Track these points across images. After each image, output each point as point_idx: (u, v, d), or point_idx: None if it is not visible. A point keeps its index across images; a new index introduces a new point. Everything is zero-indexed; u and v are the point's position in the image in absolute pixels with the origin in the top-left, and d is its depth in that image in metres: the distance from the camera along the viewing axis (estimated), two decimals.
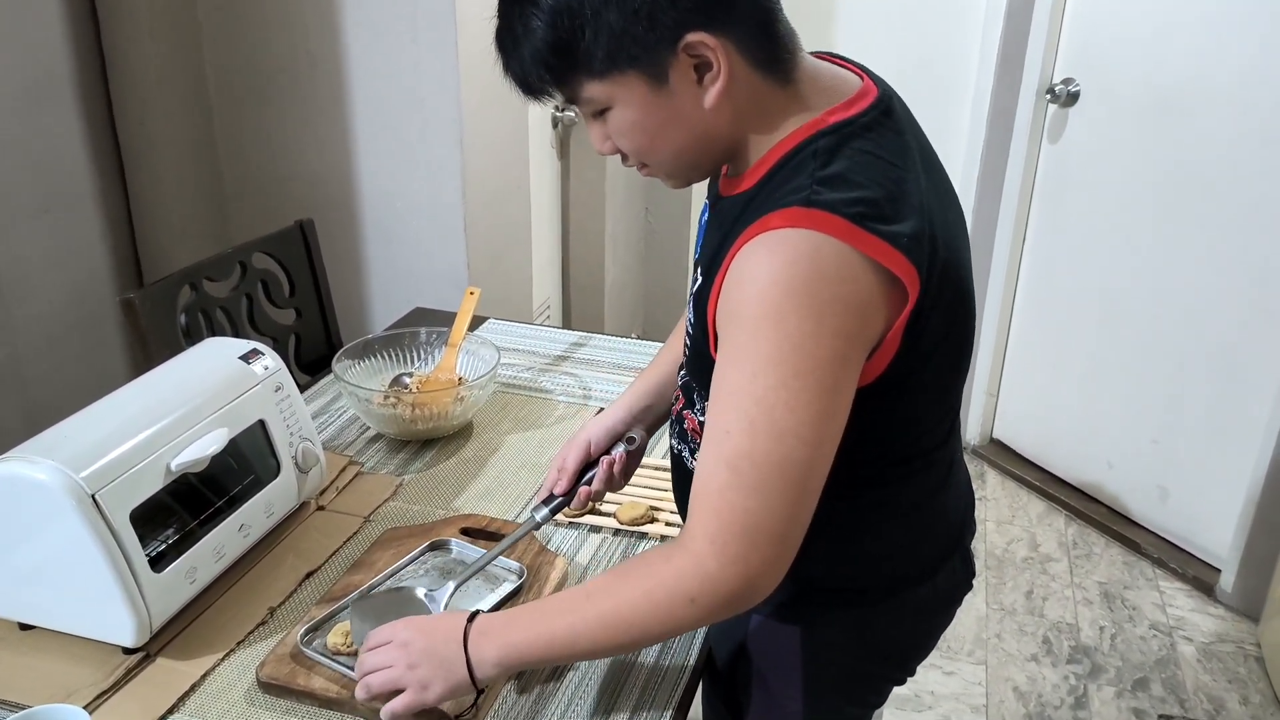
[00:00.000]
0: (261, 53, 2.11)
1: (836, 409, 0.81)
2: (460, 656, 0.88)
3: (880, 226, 0.79)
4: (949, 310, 0.88)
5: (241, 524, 1.13)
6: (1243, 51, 2.17)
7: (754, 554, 0.81)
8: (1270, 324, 2.20)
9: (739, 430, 0.81)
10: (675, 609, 0.83)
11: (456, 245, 2.14)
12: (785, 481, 0.80)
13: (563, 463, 1.14)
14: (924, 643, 1.11)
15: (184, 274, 1.56)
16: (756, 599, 0.83)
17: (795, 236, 0.79)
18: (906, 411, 0.92)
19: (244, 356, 1.19)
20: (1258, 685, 2.11)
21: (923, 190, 0.86)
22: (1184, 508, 2.49)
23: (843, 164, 0.82)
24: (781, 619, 1.03)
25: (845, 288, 0.79)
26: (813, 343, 0.78)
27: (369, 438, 1.48)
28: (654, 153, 0.89)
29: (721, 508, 0.81)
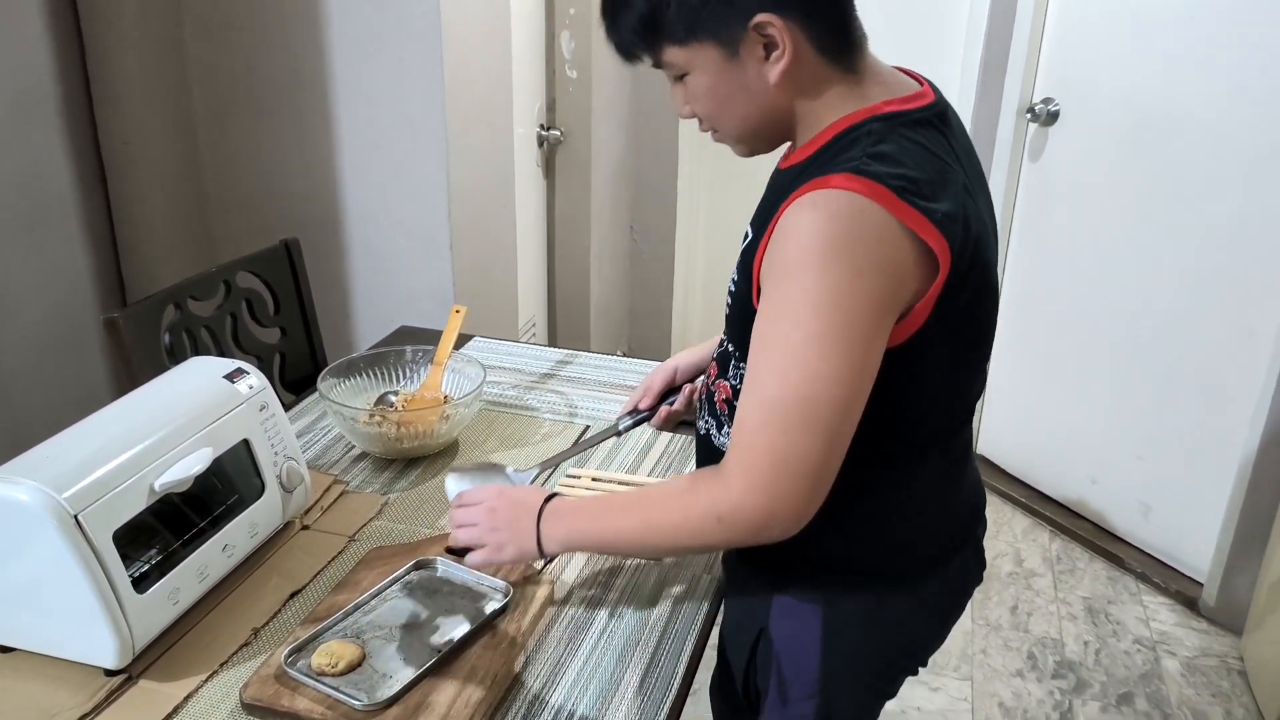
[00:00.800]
0: (247, 70, 2.11)
1: (867, 362, 0.88)
2: (533, 530, 1.02)
3: (920, 201, 0.87)
4: (974, 299, 0.95)
5: (225, 544, 1.13)
6: (1220, 68, 2.20)
7: (779, 486, 0.89)
8: (1250, 340, 2.23)
9: (776, 372, 0.89)
10: (705, 525, 0.94)
11: (442, 263, 2.15)
12: (815, 422, 0.88)
13: (650, 383, 1.29)
14: (937, 632, 1.16)
15: (168, 293, 1.56)
16: (776, 530, 0.92)
17: (841, 196, 0.86)
18: (925, 388, 0.98)
19: (228, 376, 1.19)
20: (1241, 699, 2.12)
21: (962, 185, 0.94)
22: (1167, 523, 2.51)
23: (891, 146, 0.90)
24: (801, 599, 1.08)
25: (883, 249, 0.86)
26: (849, 295, 0.86)
27: (354, 456, 1.48)
28: (722, 118, 1.00)
29: (755, 442, 0.90)
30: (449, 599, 1.14)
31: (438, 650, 1.04)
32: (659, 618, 1.15)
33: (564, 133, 2.77)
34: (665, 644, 1.11)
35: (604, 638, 1.12)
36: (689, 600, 1.18)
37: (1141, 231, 2.42)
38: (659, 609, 1.17)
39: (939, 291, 0.89)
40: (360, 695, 0.98)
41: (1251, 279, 2.22)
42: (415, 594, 1.15)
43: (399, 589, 1.15)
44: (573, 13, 2.65)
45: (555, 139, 2.77)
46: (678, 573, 1.23)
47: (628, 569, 1.23)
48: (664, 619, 1.15)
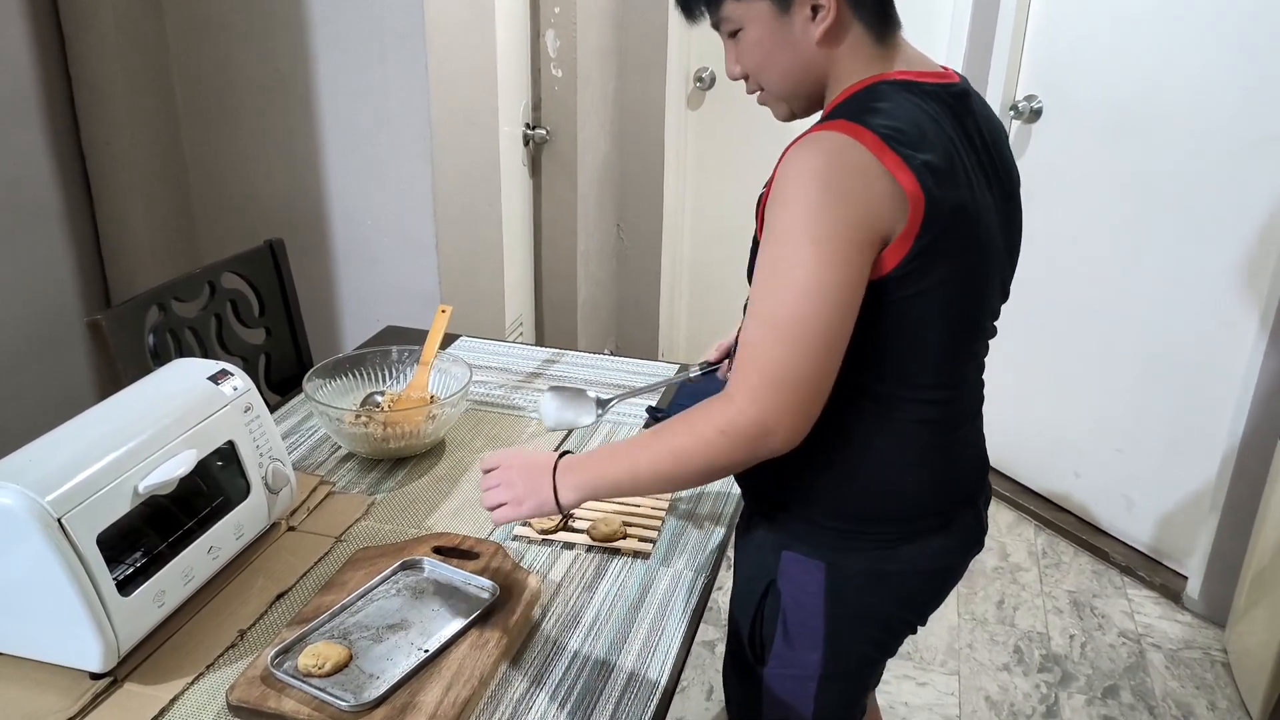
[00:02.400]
0: (230, 71, 2.10)
1: (849, 279, 0.96)
2: (549, 484, 1.08)
3: (901, 148, 0.96)
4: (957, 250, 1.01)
5: (211, 546, 1.13)
6: (1202, 66, 2.22)
7: (774, 396, 0.96)
8: (1231, 333, 2.25)
9: (765, 291, 0.98)
10: (710, 439, 0.99)
11: (428, 263, 2.15)
12: (805, 335, 0.95)
13: (720, 344, 1.40)
14: (937, 589, 1.22)
15: (152, 294, 1.55)
16: (774, 441, 0.97)
17: (829, 137, 0.96)
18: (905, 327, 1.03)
19: (213, 377, 1.19)
20: (1224, 691, 2.14)
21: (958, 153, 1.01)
22: (1150, 516, 2.53)
23: (890, 104, 1.00)
24: (808, 556, 1.14)
25: (861, 183, 0.95)
26: (831, 219, 0.95)
27: (340, 457, 1.48)
28: (767, 71, 1.09)
29: (752, 356, 0.98)
30: (436, 599, 1.14)
31: (425, 651, 1.05)
32: (645, 616, 1.16)
33: (550, 132, 2.77)
34: (652, 641, 1.11)
35: (590, 636, 1.12)
36: (675, 597, 1.19)
37: (1123, 226, 2.43)
38: (645, 607, 1.17)
39: (915, 233, 0.97)
40: (347, 696, 0.98)
41: (1231, 272, 2.24)
42: (402, 594, 1.15)
43: (386, 589, 1.15)
44: (558, 11, 2.65)
45: (541, 138, 2.77)
46: (664, 570, 1.23)
47: (613, 568, 1.24)
48: (650, 617, 1.15)
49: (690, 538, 1.30)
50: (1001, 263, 1.13)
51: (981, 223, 1.04)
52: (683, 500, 1.38)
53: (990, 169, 1.08)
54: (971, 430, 1.20)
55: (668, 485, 1.11)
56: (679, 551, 1.28)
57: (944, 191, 0.98)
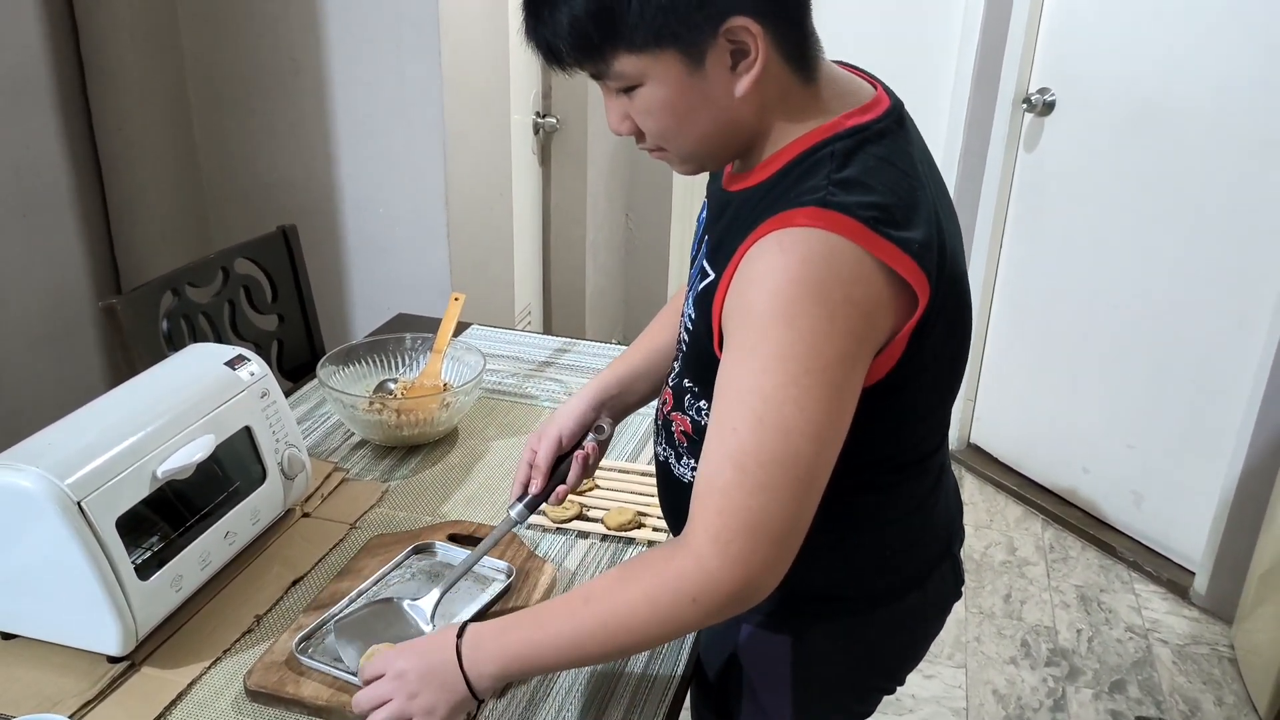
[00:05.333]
0: (243, 57, 2.10)
1: (843, 409, 0.82)
2: (458, 674, 0.88)
3: (893, 232, 0.80)
4: (951, 320, 0.89)
5: (227, 531, 1.13)
6: (1215, 60, 2.21)
7: (756, 553, 0.81)
8: (1244, 330, 2.24)
9: (746, 427, 0.80)
10: (679, 609, 0.82)
11: (439, 251, 2.14)
12: (790, 480, 0.80)
13: (533, 458, 1.11)
14: (914, 652, 1.11)
15: (166, 279, 1.55)
16: (757, 598, 0.83)
17: (810, 235, 0.79)
18: (903, 417, 0.93)
19: (229, 363, 1.19)
20: (1231, 686, 2.14)
21: (931, 201, 0.87)
22: (1159, 512, 2.52)
23: (858, 168, 0.83)
24: (772, 629, 1.03)
25: (857, 289, 0.79)
26: (824, 341, 0.79)
27: (353, 444, 1.48)
28: (678, 136, 0.88)
29: (725, 506, 0.81)
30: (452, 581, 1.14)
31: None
32: None
33: (559, 120, 2.76)
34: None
35: None
36: None
37: (1135, 221, 2.43)
38: None
39: (915, 323, 0.83)
40: None
41: (1244, 269, 2.23)
42: (418, 578, 1.15)
43: (401, 574, 1.16)
44: None
45: (551, 127, 2.76)
46: None
47: (628, 557, 1.23)
48: None
49: None
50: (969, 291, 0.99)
51: (964, 273, 0.94)
52: None
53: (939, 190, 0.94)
54: (946, 476, 1.08)
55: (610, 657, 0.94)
56: None
57: (941, 266, 0.85)
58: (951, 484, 1.10)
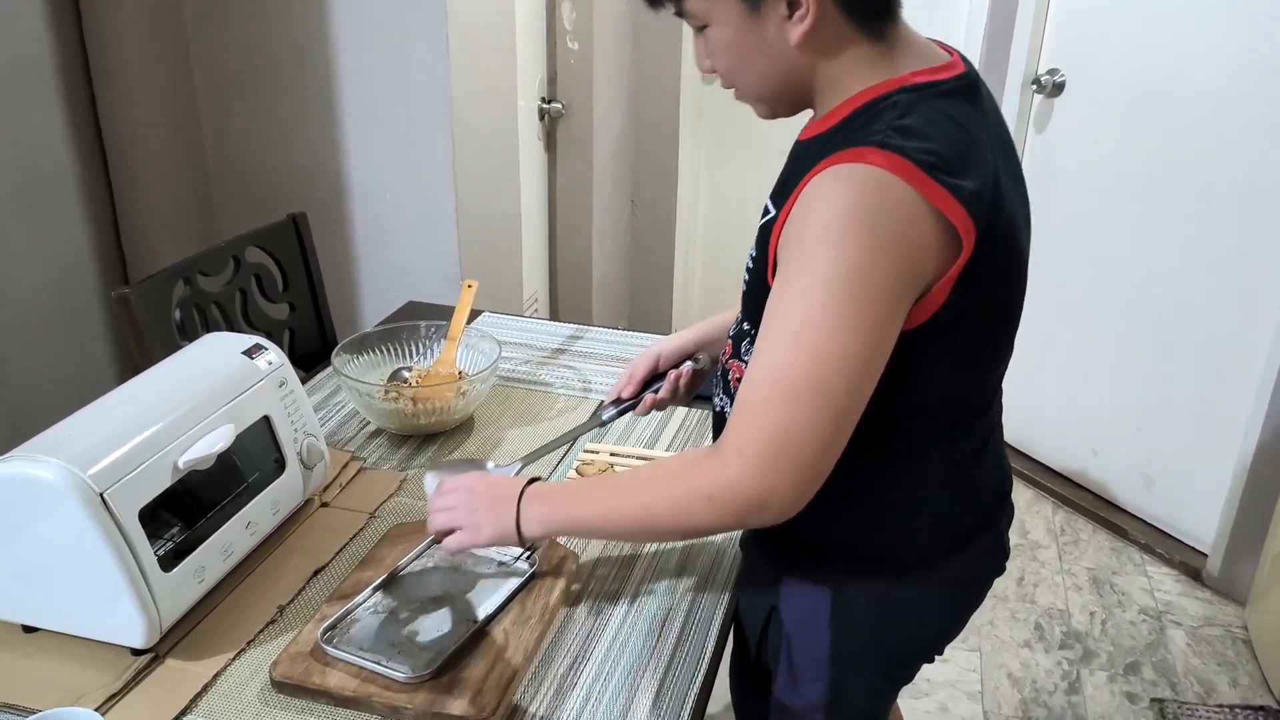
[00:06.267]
0: (248, 44, 2.08)
1: (879, 342, 0.84)
2: (512, 512, 0.98)
3: (946, 177, 0.83)
4: (1000, 278, 0.91)
5: (249, 521, 1.12)
6: (1226, 40, 2.19)
7: (775, 467, 0.85)
8: (1254, 311, 2.23)
9: (782, 347, 0.85)
10: (694, 506, 0.89)
11: (448, 238, 2.13)
12: (817, 402, 0.83)
13: (632, 371, 1.23)
14: (952, 622, 1.13)
15: (177, 268, 1.54)
16: (769, 514, 0.87)
17: (864, 171, 0.82)
18: (945, 370, 0.94)
19: (247, 352, 1.18)
20: (1246, 667, 2.14)
21: (992, 162, 0.89)
22: (1169, 494, 2.52)
23: (919, 119, 0.86)
24: (813, 583, 1.05)
25: (905, 226, 0.82)
26: (867, 272, 0.82)
27: (369, 433, 1.47)
28: (739, 75, 0.95)
29: (753, 420, 0.86)
30: (474, 571, 1.14)
31: (473, 621, 1.04)
32: (685, 591, 1.15)
33: (565, 106, 2.74)
34: (694, 616, 1.11)
35: (633, 609, 1.11)
36: (715, 575, 1.18)
37: (1145, 202, 2.41)
38: (685, 582, 1.16)
39: (959, 272, 0.85)
40: (402, 668, 0.97)
41: (1255, 251, 2.22)
42: (440, 568, 1.14)
43: (424, 563, 1.15)
44: None
45: (556, 112, 2.74)
46: (700, 549, 1.22)
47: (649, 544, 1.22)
48: (690, 593, 1.14)
49: None
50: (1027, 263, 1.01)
51: (1019, 237, 0.95)
52: None
53: (1008, 161, 0.96)
54: (993, 452, 1.09)
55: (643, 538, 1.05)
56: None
57: (991, 219, 0.87)
58: (1000, 456, 1.11)
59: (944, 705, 2.02)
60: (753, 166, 3.21)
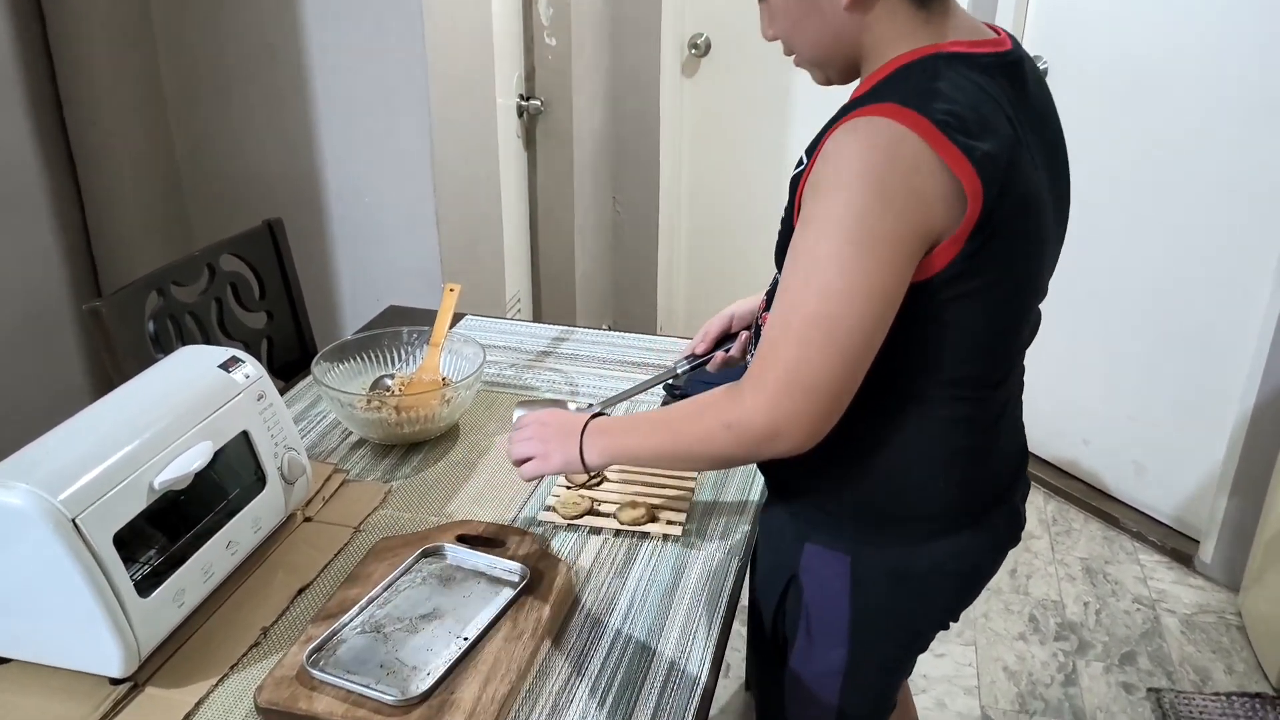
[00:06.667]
0: (218, 43, 2.03)
1: (887, 286, 0.89)
2: (576, 443, 1.08)
3: (961, 137, 0.87)
4: (1013, 248, 0.94)
5: (229, 541, 1.08)
6: (1212, 28, 2.18)
7: (786, 400, 0.91)
8: (1244, 298, 2.22)
9: (796, 287, 0.91)
10: (716, 434, 0.96)
11: (428, 240, 2.09)
12: (826, 340, 0.89)
13: (707, 329, 1.32)
14: (966, 589, 1.15)
15: (150, 279, 1.49)
16: (782, 444, 0.93)
17: (881, 124, 0.87)
18: (960, 334, 0.97)
19: (223, 365, 1.14)
20: (1241, 654, 2.13)
21: (1016, 135, 0.92)
22: (1161, 482, 2.51)
23: (945, 83, 0.91)
24: (832, 550, 1.09)
25: (916, 179, 0.87)
26: (875, 218, 0.87)
27: (352, 443, 1.43)
28: (795, 39, 1.02)
29: (768, 354, 0.92)
30: (464, 585, 1.11)
31: (465, 639, 1.01)
32: (680, 602, 1.12)
33: (544, 102, 2.71)
34: (691, 625, 1.08)
35: (628, 622, 1.08)
36: (711, 581, 1.15)
37: (1135, 190, 2.40)
38: (679, 592, 1.13)
39: (968, 231, 0.89)
40: (391, 691, 0.94)
41: (1243, 238, 2.21)
42: (429, 582, 1.11)
43: (411, 579, 1.11)
44: None
45: (535, 109, 2.70)
46: (695, 553, 1.20)
47: (643, 553, 1.20)
48: (686, 603, 1.12)
49: (721, 518, 1.27)
50: (1053, 246, 1.07)
51: (1038, 213, 0.97)
52: (710, 478, 1.34)
53: (1043, 146, 1.00)
54: (1009, 423, 1.12)
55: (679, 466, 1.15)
56: (709, 533, 1.24)
57: (1004, 185, 0.90)
58: (1017, 430, 1.15)
59: (941, 701, 2.01)
60: (736, 160, 3.18)
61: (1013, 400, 1.12)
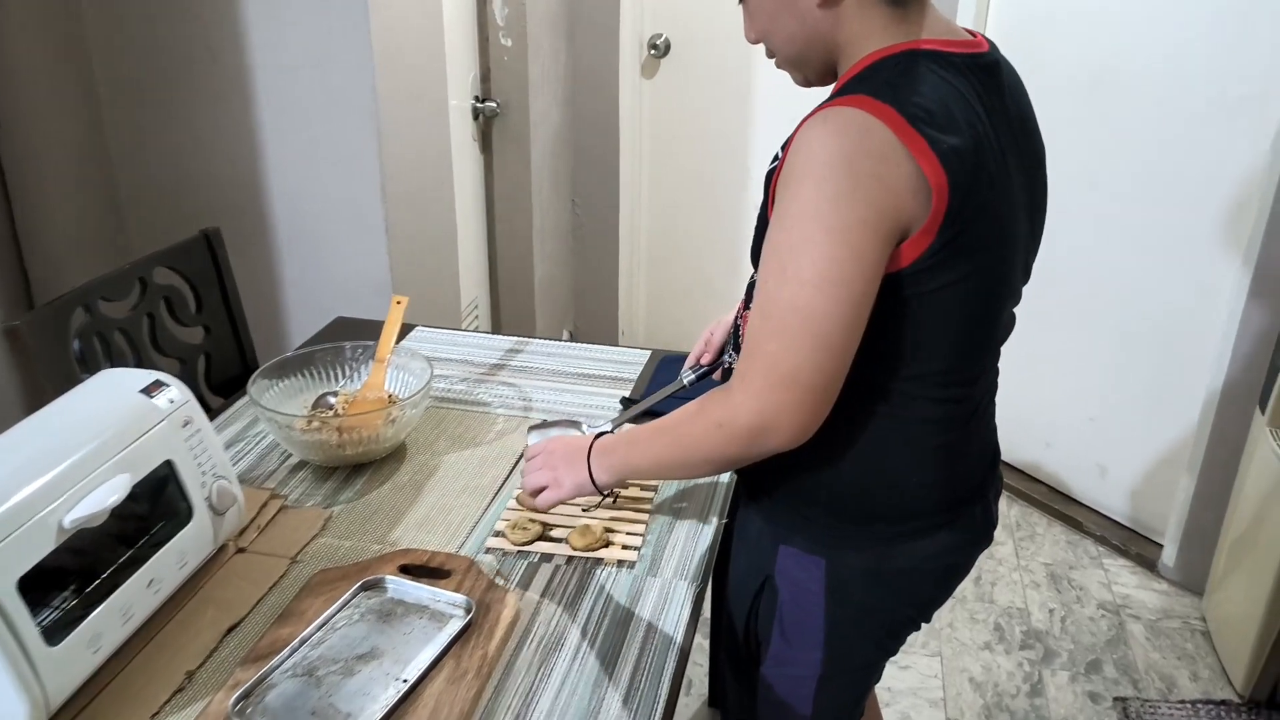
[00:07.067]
0: (154, 45, 1.94)
1: (860, 273, 0.88)
2: (584, 465, 1.11)
3: (928, 129, 0.88)
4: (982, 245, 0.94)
5: (151, 579, 1.01)
6: (1170, 26, 2.16)
7: (770, 393, 0.91)
8: (1205, 299, 2.21)
9: (772, 279, 0.91)
10: (709, 434, 0.97)
11: (377, 247, 2.02)
12: (803, 328, 0.89)
13: (709, 336, 1.35)
14: (941, 586, 1.16)
15: (75, 295, 1.41)
16: (773, 439, 0.93)
17: (851, 114, 0.88)
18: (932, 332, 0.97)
19: (145, 389, 1.07)
20: (1205, 660, 2.12)
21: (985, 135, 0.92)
22: (1124, 484, 2.50)
23: (916, 78, 0.91)
24: (808, 551, 1.09)
25: (883, 167, 0.87)
26: (845, 204, 0.87)
27: (292, 465, 1.36)
28: (773, 37, 1.02)
29: (752, 348, 0.93)
30: (405, 621, 1.05)
31: (404, 681, 0.95)
32: (635, 634, 1.07)
33: (500, 104, 2.64)
34: (645, 662, 1.03)
35: (579, 657, 1.03)
36: (666, 611, 1.10)
37: (1091, 189, 2.38)
38: (634, 623, 1.08)
39: (938, 226, 0.89)
40: None
41: (1207, 237, 2.20)
42: (367, 619, 1.05)
43: (349, 615, 1.05)
44: None
45: (491, 111, 2.64)
46: (652, 579, 1.15)
47: (596, 580, 1.14)
48: (640, 634, 1.07)
49: (678, 540, 1.22)
50: (1025, 248, 1.06)
51: (1008, 212, 0.98)
52: (669, 498, 1.29)
53: (1018, 147, 1.00)
54: (982, 423, 1.13)
55: (684, 473, 1.10)
56: (666, 557, 1.19)
57: (971, 181, 0.90)
58: (989, 430, 1.16)
59: (906, 714, 1.97)
60: (696, 161, 3.13)
61: (986, 399, 1.13)
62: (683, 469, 1.07)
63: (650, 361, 1.67)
